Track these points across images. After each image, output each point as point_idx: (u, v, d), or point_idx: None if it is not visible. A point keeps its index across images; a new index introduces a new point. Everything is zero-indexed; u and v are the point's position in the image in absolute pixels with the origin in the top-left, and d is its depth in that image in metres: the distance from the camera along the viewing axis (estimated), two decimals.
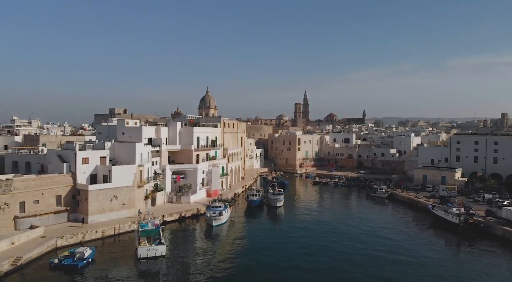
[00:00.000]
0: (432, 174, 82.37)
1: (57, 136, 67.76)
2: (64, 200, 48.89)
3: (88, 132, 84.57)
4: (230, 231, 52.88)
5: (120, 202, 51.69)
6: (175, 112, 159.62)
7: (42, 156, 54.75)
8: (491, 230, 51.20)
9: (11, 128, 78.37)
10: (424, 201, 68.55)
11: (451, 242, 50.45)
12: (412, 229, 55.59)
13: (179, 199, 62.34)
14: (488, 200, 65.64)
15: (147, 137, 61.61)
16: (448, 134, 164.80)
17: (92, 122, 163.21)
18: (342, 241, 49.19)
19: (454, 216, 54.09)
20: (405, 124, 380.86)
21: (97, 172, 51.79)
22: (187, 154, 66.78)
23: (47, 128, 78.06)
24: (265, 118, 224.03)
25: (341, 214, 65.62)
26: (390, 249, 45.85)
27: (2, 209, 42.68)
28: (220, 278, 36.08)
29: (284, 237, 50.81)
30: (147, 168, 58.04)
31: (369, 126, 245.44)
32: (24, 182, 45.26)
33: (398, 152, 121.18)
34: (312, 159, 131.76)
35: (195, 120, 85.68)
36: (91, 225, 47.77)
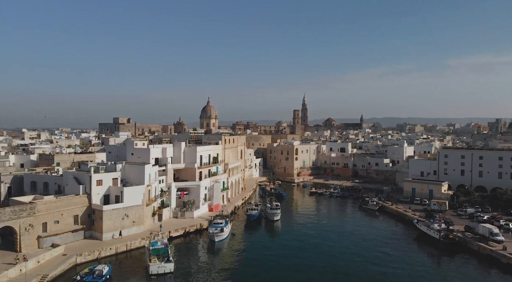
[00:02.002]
0: (420, 187, 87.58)
1: (69, 155, 72.80)
2: (80, 219, 54.00)
3: (97, 148, 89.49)
4: (231, 246, 57.97)
5: (131, 219, 56.82)
6: (177, 122, 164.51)
7: (59, 177, 59.76)
8: (469, 245, 56.34)
9: (26, 146, 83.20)
10: (411, 214, 73.66)
11: (432, 256, 55.58)
12: (398, 242, 60.74)
13: (183, 214, 67.42)
14: (470, 214, 70.81)
15: (154, 158, 66.70)
16: (442, 142, 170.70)
17: (97, 133, 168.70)
18: (331, 254, 54.44)
19: (435, 231, 59.21)
20: (403, 128, 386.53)
21: (110, 193, 56.90)
22: (190, 171, 71.86)
23: (59, 146, 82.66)
24: (265, 125, 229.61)
25: (334, 227, 70.72)
26: (374, 261, 51.18)
27: (27, 230, 47.76)
28: None
29: (281, 250, 56.10)
30: (155, 186, 63.14)
31: (366, 132, 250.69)
32: (46, 205, 50.35)
33: (391, 162, 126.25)
34: (309, 168, 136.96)
35: (198, 137, 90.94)
36: (106, 242, 52.90)
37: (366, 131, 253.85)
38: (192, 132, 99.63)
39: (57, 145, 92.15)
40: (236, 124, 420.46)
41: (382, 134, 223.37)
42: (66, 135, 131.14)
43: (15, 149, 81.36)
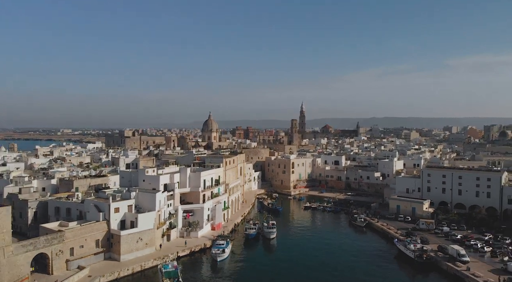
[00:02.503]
0: (404, 205, 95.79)
1: (86, 180, 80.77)
2: (101, 243, 62.07)
3: (108, 169, 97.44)
4: (231, 265, 66.08)
5: (144, 242, 64.92)
6: (180, 136, 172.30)
7: (80, 204, 67.69)
8: (439, 265, 64.42)
9: (46, 170, 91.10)
10: (393, 232, 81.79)
11: (407, 275, 63.57)
12: (378, 260, 68.88)
13: (188, 234, 75.50)
14: (446, 233, 78.93)
15: (163, 184, 74.77)
16: (432, 153, 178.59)
17: (104, 145, 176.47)
18: (317, 270, 62.63)
19: (411, 251, 67.34)
20: (399, 133, 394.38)
21: (126, 218, 64.97)
22: (195, 194, 79.92)
23: (75, 170, 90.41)
24: (264, 134, 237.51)
25: (324, 243, 78.87)
26: (352, 277, 59.43)
27: (58, 255, 55.85)
28: None
29: (276, 268, 64.28)
30: (164, 210, 71.21)
31: (362, 140, 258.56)
32: (73, 232, 58.44)
33: (381, 175, 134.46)
34: (305, 180, 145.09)
35: (201, 158, 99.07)
36: (123, 263, 61.03)
37: (362, 139, 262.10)
38: (195, 154, 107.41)
39: (72, 167, 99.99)
40: (236, 129, 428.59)
41: (377, 143, 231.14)
42: (76, 151, 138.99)
43: (36, 172, 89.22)
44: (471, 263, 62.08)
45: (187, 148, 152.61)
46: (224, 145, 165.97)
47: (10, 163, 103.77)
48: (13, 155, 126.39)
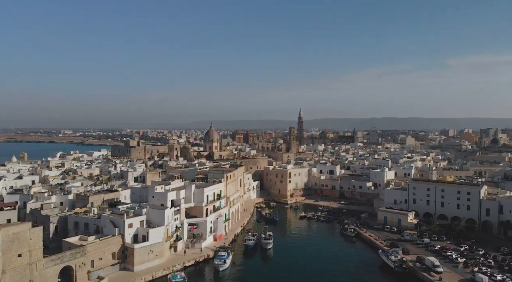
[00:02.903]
0: (391, 216, 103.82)
1: (100, 195, 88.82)
2: (117, 255, 70.11)
3: (118, 182, 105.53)
4: (232, 274, 74.14)
5: (154, 254, 72.98)
6: (183, 147, 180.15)
7: (97, 219, 75.60)
8: (417, 274, 72.44)
9: (62, 186, 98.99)
10: (379, 243, 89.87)
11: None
12: (363, 269, 77.00)
13: (193, 245, 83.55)
14: (426, 244, 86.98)
15: (170, 200, 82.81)
16: (423, 162, 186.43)
17: (110, 154, 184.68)
18: (306, 278, 70.91)
19: (392, 262, 75.43)
20: (396, 138, 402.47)
21: (138, 233, 72.99)
22: (199, 208, 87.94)
23: (89, 186, 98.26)
24: (263, 138, 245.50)
25: (315, 252, 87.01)
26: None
27: (80, 267, 63.89)
28: None
29: (272, 275, 72.46)
30: (171, 224, 79.27)
31: (358, 146, 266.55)
32: (93, 246, 66.48)
33: (373, 185, 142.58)
34: (301, 189, 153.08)
35: (204, 172, 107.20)
36: (136, 273, 69.09)
37: (358, 146, 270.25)
38: (198, 168, 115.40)
39: (84, 180, 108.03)
40: (236, 133, 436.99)
41: (371, 150, 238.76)
42: (86, 163, 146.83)
43: (54, 188, 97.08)
44: (445, 273, 70.13)
45: (190, 158, 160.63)
46: (225, 154, 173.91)
47: (26, 176, 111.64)
48: (26, 166, 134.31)
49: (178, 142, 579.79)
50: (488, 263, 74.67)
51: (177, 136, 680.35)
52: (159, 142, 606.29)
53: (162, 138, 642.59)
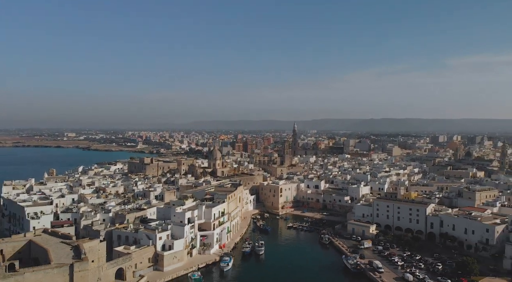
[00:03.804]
0: (357, 227, 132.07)
1: (133, 214, 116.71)
2: (151, 259, 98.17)
3: (143, 201, 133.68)
4: (234, 273, 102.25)
5: (177, 259, 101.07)
6: (191, 164, 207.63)
7: (135, 233, 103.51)
8: (366, 274, 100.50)
9: (103, 205, 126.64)
10: (345, 250, 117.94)
11: (344, 280, 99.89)
12: (330, 270, 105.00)
13: (204, 252, 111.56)
14: (379, 251, 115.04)
15: (187, 218, 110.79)
16: (398, 176, 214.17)
17: (127, 168, 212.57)
18: (285, 274, 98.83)
19: (350, 264, 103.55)
20: (385, 146, 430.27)
21: (165, 244, 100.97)
22: (208, 224, 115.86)
23: (123, 205, 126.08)
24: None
25: (296, 257, 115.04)
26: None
27: (129, 268, 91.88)
28: None
29: (262, 274, 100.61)
30: (188, 237, 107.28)
31: (346, 158, 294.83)
32: (136, 254, 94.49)
33: (350, 199, 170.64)
34: (291, 202, 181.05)
35: (211, 193, 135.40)
36: (166, 273, 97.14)
37: (346, 157, 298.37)
38: (208, 189, 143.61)
39: (114, 198, 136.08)
40: (236, 142, 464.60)
41: (356, 163, 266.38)
42: (111, 180, 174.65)
43: (96, 207, 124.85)
44: (385, 273, 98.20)
45: (197, 175, 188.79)
46: (226, 170, 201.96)
47: (67, 195, 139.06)
48: (62, 184, 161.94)
49: (181, 146, 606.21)
50: (419, 266, 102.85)
51: (179, 141, 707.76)
52: (162, 146, 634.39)
53: (164, 143, 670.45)
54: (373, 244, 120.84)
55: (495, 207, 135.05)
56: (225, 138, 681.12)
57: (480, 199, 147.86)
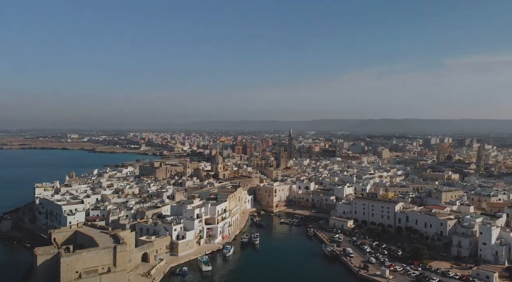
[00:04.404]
0: (338, 222, 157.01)
1: (151, 211, 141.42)
2: (168, 247, 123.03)
3: (157, 200, 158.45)
4: (234, 258, 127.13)
5: (189, 246, 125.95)
6: (196, 169, 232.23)
7: (154, 226, 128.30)
8: (340, 258, 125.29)
9: (126, 203, 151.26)
10: (326, 240, 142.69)
11: (323, 263, 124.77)
12: (311, 255, 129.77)
13: (209, 241, 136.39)
14: (353, 241, 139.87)
15: (196, 214, 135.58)
16: (381, 178, 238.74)
17: (138, 171, 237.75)
18: (274, 259, 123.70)
19: (327, 251, 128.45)
20: (376, 149, 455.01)
21: (179, 234, 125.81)
22: (213, 219, 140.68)
23: (141, 204, 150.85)
24: (258, 155, 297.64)
25: (285, 246, 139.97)
26: (288, 263, 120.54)
27: (151, 253, 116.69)
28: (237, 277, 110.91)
29: (257, 260, 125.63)
30: (197, 229, 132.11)
31: (336, 161, 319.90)
32: (157, 242, 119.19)
33: (336, 198, 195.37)
34: (284, 201, 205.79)
35: (214, 193, 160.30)
36: (180, 257, 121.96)
37: (337, 160, 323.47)
38: (212, 190, 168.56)
39: (132, 198, 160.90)
40: (235, 145, 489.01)
41: (345, 166, 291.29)
42: (126, 182, 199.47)
43: (120, 205, 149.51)
44: (355, 257, 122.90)
45: (201, 178, 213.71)
46: (227, 173, 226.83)
47: (92, 195, 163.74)
48: (84, 186, 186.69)
49: (182, 149, 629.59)
50: (383, 252, 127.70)
51: (180, 143, 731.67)
52: (164, 148, 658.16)
53: (167, 145, 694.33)
54: (349, 235, 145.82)
55: (455, 205, 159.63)
56: (225, 140, 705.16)
57: (445, 199, 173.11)
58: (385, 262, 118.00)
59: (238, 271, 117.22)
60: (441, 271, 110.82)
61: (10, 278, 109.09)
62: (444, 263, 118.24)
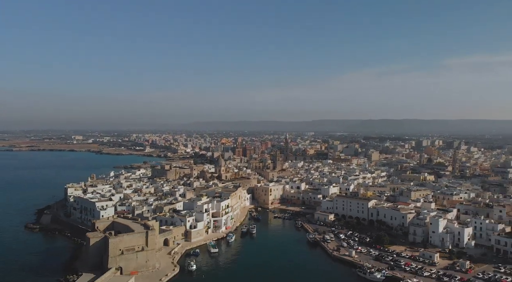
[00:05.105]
0: (321, 216, 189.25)
1: (167, 205, 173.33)
2: (183, 234, 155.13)
3: (171, 198, 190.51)
4: (235, 244, 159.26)
5: (199, 234, 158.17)
6: (202, 171, 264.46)
7: (171, 218, 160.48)
8: (320, 243, 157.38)
9: (146, 200, 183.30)
10: (310, 230, 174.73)
11: (305, 248, 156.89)
12: (297, 243, 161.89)
13: (215, 231, 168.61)
14: (332, 230, 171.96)
15: (205, 209, 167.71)
16: (364, 179, 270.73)
17: (151, 172, 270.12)
18: (267, 244, 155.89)
19: (310, 238, 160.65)
20: (367, 152, 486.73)
21: (191, 224, 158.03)
22: (218, 213, 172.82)
23: (157, 201, 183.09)
24: (256, 158, 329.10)
25: (277, 235, 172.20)
26: (276, 249, 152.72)
27: (170, 238, 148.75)
28: (240, 257, 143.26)
29: (252, 246, 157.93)
30: (206, 221, 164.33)
31: (328, 163, 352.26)
32: (175, 230, 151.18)
33: (322, 196, 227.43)
34: (278, 199, 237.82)
35: (219, 193, 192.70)
36: (193, 242, 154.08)
37: (328, 162, 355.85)
38: (216, 190, 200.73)
39: (150, 196, 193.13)
40: (236, 147, 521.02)
41: (335, 168, 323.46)
42: (143, 183, 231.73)
43: (141, 202, 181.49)
44: (332, 242, 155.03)
45: (207, 179, 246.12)
46: (229, 175, 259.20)
47: (116, 194, 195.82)
48: (108, 186, 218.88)
49: (185, 150, 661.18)
50: (354, 238, 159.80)
51: (183, 144, 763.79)
52: (168, 150, 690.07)
53: (170, 147, 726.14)
54: (330, 226, 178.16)
55: (419, 203, 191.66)
56: (226, 142, 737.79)
57: (414, 197, 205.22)
58: (354, 245, 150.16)
59: (238, 253, 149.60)
60: (396, 252, 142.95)
61: (59, 258, 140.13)
62: (401, 247, 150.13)
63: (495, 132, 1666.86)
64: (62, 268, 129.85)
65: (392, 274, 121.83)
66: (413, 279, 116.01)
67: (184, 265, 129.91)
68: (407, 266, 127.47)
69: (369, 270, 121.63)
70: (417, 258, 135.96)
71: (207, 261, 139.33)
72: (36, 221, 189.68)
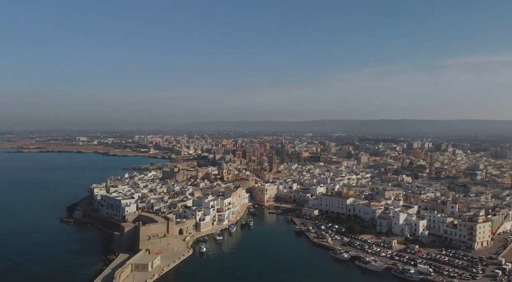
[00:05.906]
0: (307, 211, 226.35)
1: (180, 202, 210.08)
2: (194, 225, 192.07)
3: (182, 196, 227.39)
4: (236, 234, 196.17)
5: (207, 226, 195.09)
6: (206, 173, 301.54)
7: (183, 213, 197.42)
8: (305, 234, 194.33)
9: (162, 198, 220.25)
10: (298, 223, 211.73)
11: (291, 237, 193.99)
12: (286, 233, 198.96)
13: (220, 223, 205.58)
14: (316, 223, 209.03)
15: (211, 205, 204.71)
16: (349, 180, 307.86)
17: (162, 174, 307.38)
18: (261, 235, 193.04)
19: (296, 229, 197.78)
20: (358, 154, 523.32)
21: (200, 218, 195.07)
22: (222, 208, 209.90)
23: (171, 198, 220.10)
24: (255, 160, 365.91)
25: (270, 227, 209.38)
26: (266, 241, 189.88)
27: (184, 228, 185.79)
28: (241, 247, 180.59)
29: (249, 236, 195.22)
30: (212, 214, 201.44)
31: (320, 165, 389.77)
32: (187, 222, 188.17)
33: (311, 195, 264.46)
34: (273, 197, 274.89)
35: (222, 192, 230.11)
36: (202, 232, 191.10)
37: (320, 165, 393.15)
38: (220, 189, 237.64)
39: (166, 196, 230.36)
40: (236, 150, 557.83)
41: (325, 170, 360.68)
42: (156, 183, 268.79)
43: (159, 199, 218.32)
44: (313, 232, 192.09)
45: (211, 180, 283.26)
46: (230, 176, 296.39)
47: (135, 193, 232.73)
48: (127, 187, 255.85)
49: (188, 152, 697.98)
50: (332, 229, 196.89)
51: (185, 146, 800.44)
52: (172, 152, 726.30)
53: (173, 149, 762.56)
54: (314, 220, 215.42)
55: (390, 200, 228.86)
56: (227, 144, 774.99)
57: (387, 195, 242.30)
58: (331, 234, 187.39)
59: (239, 240, 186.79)
60: (364, 239, 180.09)
61: (96, 244, 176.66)
62: (369, 236, 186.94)
63: (492, 132, 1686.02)
64: (100, 251, 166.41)
65: (356, 254, 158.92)
66: (371, 258, 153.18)
67: (195, 249, 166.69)
68: (370, 249, 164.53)
69: (339, 251, 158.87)
70: (379, 244, 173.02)
71: (213, 246, 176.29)
72: (69, 216, 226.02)
